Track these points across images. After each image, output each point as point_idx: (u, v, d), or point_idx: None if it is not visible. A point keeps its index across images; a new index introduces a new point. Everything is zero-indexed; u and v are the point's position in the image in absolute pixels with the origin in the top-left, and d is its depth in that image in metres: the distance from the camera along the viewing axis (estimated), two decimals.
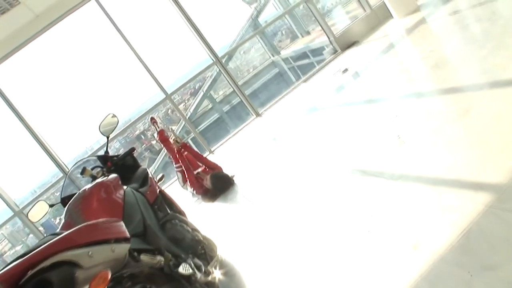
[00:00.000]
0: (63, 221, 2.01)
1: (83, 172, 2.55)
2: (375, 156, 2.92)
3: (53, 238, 1.23)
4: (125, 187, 2.30)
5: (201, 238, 2.37)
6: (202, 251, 2.33)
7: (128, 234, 1.50)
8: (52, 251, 1.15)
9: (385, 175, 2.58)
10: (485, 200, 1.85)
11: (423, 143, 2.66)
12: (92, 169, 2.64)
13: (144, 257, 1.61)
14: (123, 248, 1.44)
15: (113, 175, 2.34)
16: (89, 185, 2.19)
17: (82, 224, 1.35)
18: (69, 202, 2.10)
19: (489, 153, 2.14)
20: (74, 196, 2.13)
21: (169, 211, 2.55)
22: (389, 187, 2.44)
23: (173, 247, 2.10)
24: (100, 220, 1.47)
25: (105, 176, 2.40)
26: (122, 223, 1.52)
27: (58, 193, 2.76)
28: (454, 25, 4.68)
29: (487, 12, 4.29)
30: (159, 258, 1.69)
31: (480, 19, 4.25)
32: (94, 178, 2.52)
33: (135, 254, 1.62)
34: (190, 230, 2.32)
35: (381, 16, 7.28)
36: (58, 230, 1.91)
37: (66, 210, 2.06)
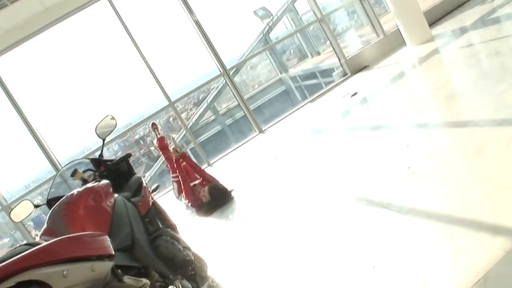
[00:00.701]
0: (45, 226, 1.85)
1: (73, 174, 2.43)
2: (382, 185, 2.77)
3: (27, 249, 1.07)
4: (116, 195, 2.15)
5: (192, 258, 2.21)
6: (192, 272, 2.16)
7: (112, 251, 1.34)
8: (19, 267, 0.99)
9: (393, 207, 2.43)
10: (504, 244, 1.71)
11: (435, 177, 2.52)
12: (84, 172, 2.50)
13: (128, 280, 1.45)
14: (105, 267, 1.29)
15: (104, 181, 2.19)
16: (78, 190, 2.04)
17: (62, 237, 1.20)
18: (54, 206, 1.95)
19: (508, 194, 2.00)
20: (60, 200, 1.98)
21: (160, 225, 2.40)
22: (397, 220, 2.29)
23: (161, 266, 1.94)
24: (83, 233, 1.32)
25: (96, 181, 2.27)
26: (107, 238, 1.37)
27: (52, 190, 2.60)
28: (470, 58, 4.59)
29: (503, 47, 4.20)
30: (145, 281, 1.54)
31: (495, 54, 4.15)
32: (84, 181, 2.40)
33: (119, 271, 1.47)
34: (181, 248, 2.15)
35: (394, 42, 7.23)
36: (38, 236, 1.76)
37: (50, 215, 1.91)
